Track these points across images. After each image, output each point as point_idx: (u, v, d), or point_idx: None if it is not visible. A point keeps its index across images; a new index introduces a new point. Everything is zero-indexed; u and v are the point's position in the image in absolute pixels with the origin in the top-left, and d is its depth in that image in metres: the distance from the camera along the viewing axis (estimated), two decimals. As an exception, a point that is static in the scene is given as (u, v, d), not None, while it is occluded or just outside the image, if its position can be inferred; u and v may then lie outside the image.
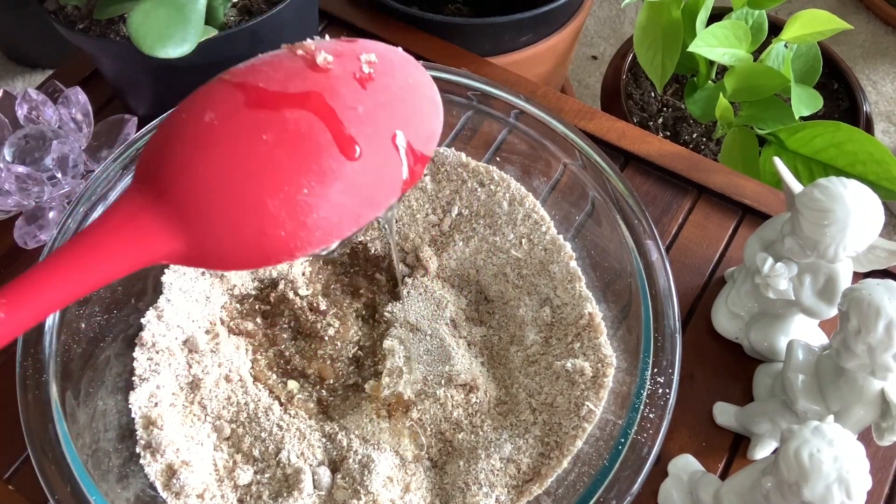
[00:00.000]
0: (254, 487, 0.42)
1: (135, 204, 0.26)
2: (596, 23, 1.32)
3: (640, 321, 0.41)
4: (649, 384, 0.39)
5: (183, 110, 0.28)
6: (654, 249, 0.43)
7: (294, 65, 0.28)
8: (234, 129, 0.26)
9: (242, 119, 0.27)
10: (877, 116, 1.21)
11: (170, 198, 0.26)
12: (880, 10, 1.30)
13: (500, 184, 0.50)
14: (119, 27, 0.51)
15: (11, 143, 0.51)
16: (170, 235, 0.26)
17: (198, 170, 0.26)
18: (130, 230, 0.26)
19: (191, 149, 0.26)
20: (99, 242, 0.26)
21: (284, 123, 0.27)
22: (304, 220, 0.27)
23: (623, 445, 0.38)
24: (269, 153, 0.26)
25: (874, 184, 0.61)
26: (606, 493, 0.37)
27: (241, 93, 0.27)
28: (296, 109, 0.27)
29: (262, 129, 0.26)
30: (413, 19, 0.66)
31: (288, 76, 0.28)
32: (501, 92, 0.49)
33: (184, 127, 0.27)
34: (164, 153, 0.27)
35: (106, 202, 0.44)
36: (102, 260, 0.26)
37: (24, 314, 0.25)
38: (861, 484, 0.33)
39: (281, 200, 0.26)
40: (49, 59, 1.23)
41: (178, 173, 0.26)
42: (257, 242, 0.27)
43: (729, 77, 0.70)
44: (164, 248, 0.26)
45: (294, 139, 0.26)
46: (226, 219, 0.26)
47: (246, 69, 0.29)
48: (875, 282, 0.37)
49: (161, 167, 0.27)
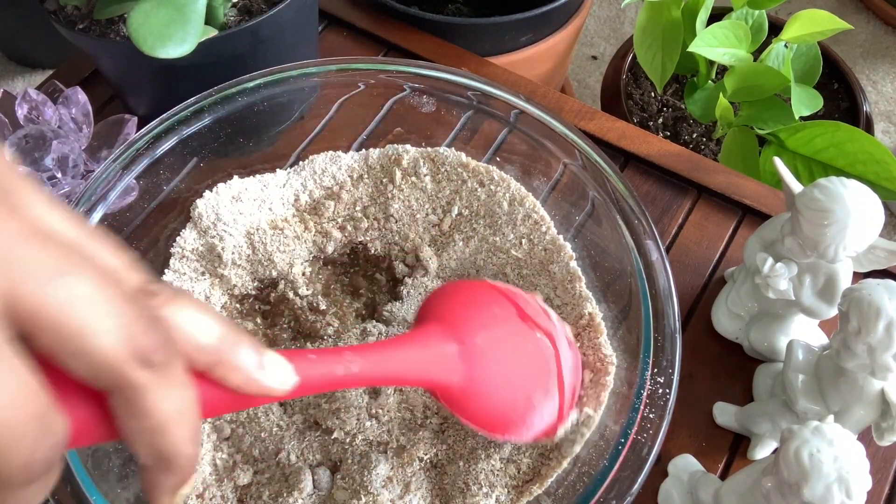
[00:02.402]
0: (254, 488, 0.42)
1: (441, 335, 0.34)
2: (596, 23, 1.32)
3: (639, 321, 0.41)
4: (649, 384, 0.39)
5: (479, 294, 0.37)
6: (654, 249, 0.43)
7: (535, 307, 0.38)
8: (511, 326, 0.37)
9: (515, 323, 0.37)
10: (877, 116, 1.21)
11: (471, 346, 0.35)
12: (880, 10, 1.30)
13: (500, 184, 0.50)
14: (119, 27, 0.51)
15: (11, 143, 0.51)
16: (457, 370, 0.34)
17: (486, 343, 0.35)
18: (439, 350, 0.34)
19: (482, 327, 0.36)
20: (408, 346, 0.34)
21: (537, 342, 0.36)
22: (525, 418, 0.36)
23: (623, 445, 0.38)
24: (527, 360, 0.36)
25: (874, 184, 0.61)
26: (606, 493, 0.37)
27: (511, 304, 0.37)
28: (544, 337, 0.37)
29: (526, 338, 0.37)
30: (413, 19, 0.66)
31: (536, 312, 0.38)
32: (501, 92, 0.49)
33: (482, 309, 0.36)
34: (468, 321, 0.36)
35: (106, 202, 0.44)
36: (407, 360, 0.33)
37: (315, 380, 0.29)
38: (861, 484, 0.33)
39: (526, 397, 0.36)
40: (49, 59, 1.23)
41: (478, 335, 0.35)
42: (499, 417, 0.36)
43: (729, 77, 0.70)
44: (450, 375, 0.34)
45: (541, 358, 0.37)
46: (491, 388, 0.35)
47: (508, 289, 0.38)
48: (875, 282, 0.37)
49: (465, 327, 0.35)
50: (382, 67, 0.50)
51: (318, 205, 0.50)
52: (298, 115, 0.54)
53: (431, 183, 0.51)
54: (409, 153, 0.51)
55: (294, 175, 0.51)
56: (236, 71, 0.48)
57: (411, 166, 0.51)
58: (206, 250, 0.48)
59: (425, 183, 0.51)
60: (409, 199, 0.51)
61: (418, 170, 0.51)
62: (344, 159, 0.52)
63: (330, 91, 0.52)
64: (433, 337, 0.34)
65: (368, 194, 0.51)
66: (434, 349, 0.34)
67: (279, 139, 0.53)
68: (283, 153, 0.52)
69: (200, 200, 0.49)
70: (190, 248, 0.48)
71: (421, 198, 0.51)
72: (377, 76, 0.50)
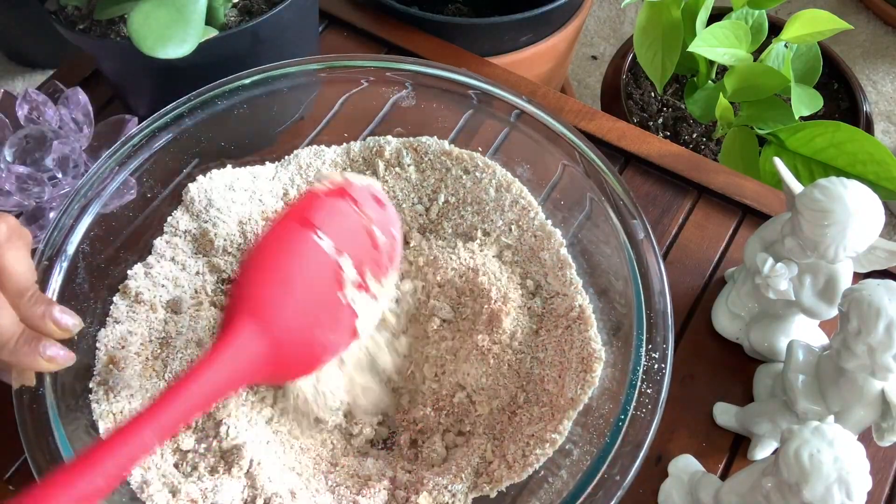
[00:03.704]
0: (190, 455, 0.42)
1: (243, 336, 0.35)
2: (596, 23, 1.32)
3: (631, 301, 0.42)
4: (644, 360, 0.39)
5: (273, 252, 0.38)
6: (640, 229, 0.43)
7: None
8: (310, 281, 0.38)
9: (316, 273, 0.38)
10: (877, 116, 1.21)
11: (274, 331, 0.36)
12: (880, 10, 1.30)
13: (485, 170, 0.50)
14: (119, 27, 0.51)
15: (12, 143, 0.51)
16: (265, 362, 0.36)
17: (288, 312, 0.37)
18: (243, 359, 0.35)
19: (282, 295, 0.37)
20: (221, 364, 0.35)
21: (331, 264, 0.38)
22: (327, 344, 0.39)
23: (623, 422, 0.38)
24: (321, 307, 0.38)
25: (874, 184, 0.61)
26: (609, 468, 0.37)
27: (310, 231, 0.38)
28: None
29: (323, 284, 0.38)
30: (413, 19, 0.66)
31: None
32: (502, 92, 0.49)
33: (278, 274, 0.37)
34: (268, 295, 0.37)
35: (101, 199, 0.44)
36: (223, 379, 0.34)
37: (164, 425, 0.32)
38: (861, 484, 0.33)
39: (324, 334, 0.39)
40: (49, 59, 1.23)
41: (277, 314, 0.36)
42: (306, 370, 0.39)
43: (729, 77, 0.70)
44: (261, 370, 0.36)
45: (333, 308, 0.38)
46: (299, 348, 0.37)
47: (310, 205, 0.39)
48: (875, 282, 0.37)
49: (267, 307, 0.36)
50: (383, 65, 0.50)
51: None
52: (299, 115, 0.54)
53: (416, 173, 0.51)
54: (390, 144, 0.51)
55: (282, 169, 0.52)
56: (237, 71, 0.48)
57: (394, 157, 0.51)
58: (199, 234, 0.48)
59: (409, 173, 0.51)
60: (395, 190, 0.51)
61: (402, 160, 0.51)
62: (327, 153, 0.52)
63: (330, 89, 0.52)
64: (234, 346, 0.35)
65: None
66: (239, 360, 0.35)
67: (279, 138, 0.53)
68: (283, 152, 0.52)
69: (193, 184, 0.49)
70: (183, 228, 0.48)
71: (406, 188, 0.51)
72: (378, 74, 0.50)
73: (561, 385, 0.43)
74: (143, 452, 0.32)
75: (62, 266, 0.42)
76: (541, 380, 0.44)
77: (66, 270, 0.42)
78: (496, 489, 0.41)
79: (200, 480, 0.40)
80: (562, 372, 0.44)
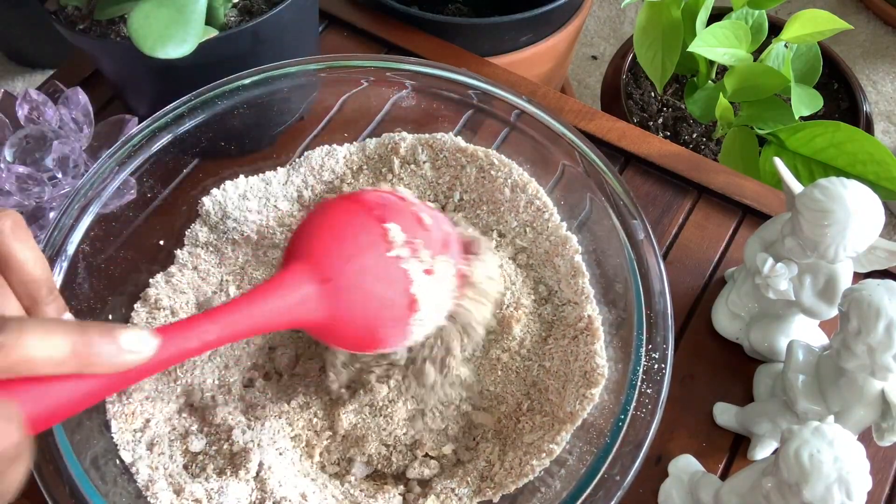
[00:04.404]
0: (200, 457, 0.42)
1: (302, 277, 0.35)
2: (596, 23, 1.32)
3: (631, 303, 0.42)
4: (644, 360, 0.40)
5: (346, 222, 0.38)
6: (640, 229, 0.43)
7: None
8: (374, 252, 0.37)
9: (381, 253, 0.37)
10: (877, 116, 1.21)
11: (334, 284, 0.36)
12: (880, 10, 1.30)
13: (500, 169, 0.50)
14: (119, 27, 0.51)
15: (12, 143, 0.51)
16: (319, 308, 0.35)
17: (354, 274, 0.36)
18: (299, 293, 0.35)
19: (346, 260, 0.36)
20: (268, 296, 0.34)
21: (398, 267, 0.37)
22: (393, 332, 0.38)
23: (623, 422, 0.38)
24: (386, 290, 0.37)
25: (874, 184, 0.61)
26: (609, 468, 0.38)
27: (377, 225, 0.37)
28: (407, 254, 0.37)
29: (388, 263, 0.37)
30: (413, 19, 0.66)
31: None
32: (502, 92, 0.49)
33: (347, 241, 0.37)
34: (332, 255, 0.36)
35: (101, 199, 0.44)
36: (269, 310, 0.34)
37: (181, 343, 0.31)
38: (861, 484, 0.33)
39: (378, 287, 0.37)
40: (49, 59, 1.23)
41: (341, 267, 0.36)
42: (367, 339, 0.38)
43: (729, 77, 0.70)
44: (312, 314, 0.35)
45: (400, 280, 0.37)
46: (358, 314, 0.37)
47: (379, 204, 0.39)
48: (875, 282, 0.37)
49: (329, 259, 0.36)
50: (383, 65, 0.50)
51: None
52: (299, 115, 0.54)
53: (431, 170, 0.51)
54: (406, 140, 0.51)
55: (293, 172, 0.51)
56: (237, 71, 0.48)
57: (409, 154, 0.51)
58: (219, 244, 0.49)
59: (425, 170, 0.51)
60: (410, 187, 0.51)
61: (417, 157, 0.51)
62: (340, 152, 0.52)
63: (330, 89, 0.52)
64: (294, 280, 0.35)
65: (369, 185, 0.51)
66: (294, 293, 0.35)
67: (279, 138, 0.53)
68: (284, 152, 0.52)
69: (207, 198, 0.49)
70: (203, 240, 0.49)
71: (422, 185, 0.51)
72: (378, 74, 0.50)
73: (562, 397, 0.43)
74: (193, 349, 0.32)
75: (62, 266, 0.42)
76: (545, 389, 0.44)
77: (66, 270, 0.42)
78: (499, 493, 0.41)
79: (207, 481, 0.40)
80: (565, 383, 0.44)
